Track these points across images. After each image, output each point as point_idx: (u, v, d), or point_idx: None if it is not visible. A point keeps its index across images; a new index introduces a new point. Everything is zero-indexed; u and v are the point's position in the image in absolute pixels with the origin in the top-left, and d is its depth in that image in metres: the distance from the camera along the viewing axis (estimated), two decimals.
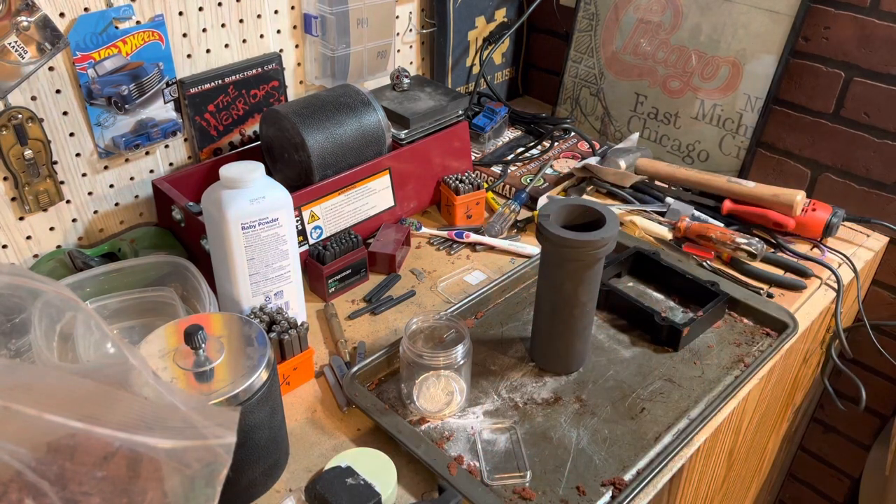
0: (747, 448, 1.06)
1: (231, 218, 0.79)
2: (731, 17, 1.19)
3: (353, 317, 0.97)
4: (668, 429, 0.80)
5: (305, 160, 1.01)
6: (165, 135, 1.03)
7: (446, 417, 0.80)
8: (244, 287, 0.84)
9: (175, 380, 0.64)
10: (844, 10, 1.10)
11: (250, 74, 1.09)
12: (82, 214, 1.00)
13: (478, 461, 0.75)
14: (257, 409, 0.67)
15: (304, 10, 1.14)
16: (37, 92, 0.89)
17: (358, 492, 0.63)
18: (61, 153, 0.94)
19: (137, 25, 0.95)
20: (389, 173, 1.09)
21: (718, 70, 1.23)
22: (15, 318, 0.66)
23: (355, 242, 1.01)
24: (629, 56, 1.34)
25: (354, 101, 1.06)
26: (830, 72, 1.14)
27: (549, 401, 0.83)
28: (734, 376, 0.87)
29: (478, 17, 1.41)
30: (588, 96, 1.42)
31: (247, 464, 0.69)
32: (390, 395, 0.83)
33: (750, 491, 1.29)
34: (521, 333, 0.92)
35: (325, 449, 0.78)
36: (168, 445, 0.48)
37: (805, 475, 1.51)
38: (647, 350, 0.90)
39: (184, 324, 0.68)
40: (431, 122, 1.16)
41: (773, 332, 0.93)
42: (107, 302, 0.86)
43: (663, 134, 1.33)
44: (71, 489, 0.46)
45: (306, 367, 0.85)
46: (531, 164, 1.28)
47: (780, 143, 1.23)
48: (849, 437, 1.39)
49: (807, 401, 1.29)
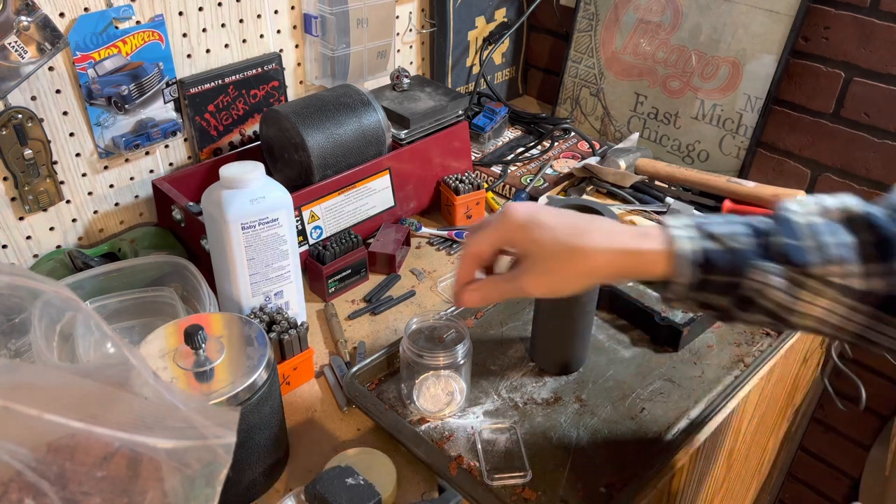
0: (747, 448, 1.06)
1: (231, 218, 0.79)
2: (731, 17, 1.19)
3: (353, 317, 0.97)
4: (668, 429, 0.80)
5: (305, 160, 1.01)
6: (165, 135, 1.03)
7: (446, 417, 0.80)
8: (244, 287, 0.84)
9: (175, 380, 0.64)
10: (844, 10, 1.10)
11: (250, 74, 1.09)
12: (82, 214, 1.00)
13: (478, 461, 0.75)
14: (257, 409, 0.67)
15: (304, 10, 1.14)
16: (37, 92, 0.89)
17: (358, 492, 0.63)
18: (61, 153, 0.94)
19: (137, 25, 0.95)
20: (389, 173, 1.09)
21: (718, 70, 1.23)
22: (15, 318, 0.66)
23: (355, 242, 1.01)
24: (629, 56, 1.34)
25: (354, 101, 1.06)
26: (830, 72, 1.14)
27: (549, 401, 0.83)
28: (734, 376, 0.87)
29: (478, 17, 1.41)
30: (588, 96, 1.42)
31: (247, 464, 0.69)
32: (390, 396, 0.83)
33: (750, 491, 1.29)
34: (521, 333, 0.92)
35: (325, 449, 0.78)
36: (168, 445, 0.48)
37: (805, 475, 1.51)
38: (647, 350, 0.90)
39: (184, 324, 0.68)
40: (431, 122, 1.16)
41: (773, 332, 0.93)
42: (107, 302, 0.86)
43: (663, 134, 1.33)
44: (71, 489, 0.46)
45: (306, 367, 0.85)
46: (531, 164, 1.28)
47: (780, 143, 1.23)
48: (849, 437, 1.39)
49: (807, 401, 1.29)
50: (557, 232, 0.61)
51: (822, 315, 0.57)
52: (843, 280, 0.55)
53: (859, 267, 0.55)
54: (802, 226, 0.57)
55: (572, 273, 0.61)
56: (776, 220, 0.58)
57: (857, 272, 0.55)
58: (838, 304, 0.56)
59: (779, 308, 0.57)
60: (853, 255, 0.55)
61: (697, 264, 0.58)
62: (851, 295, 0.55)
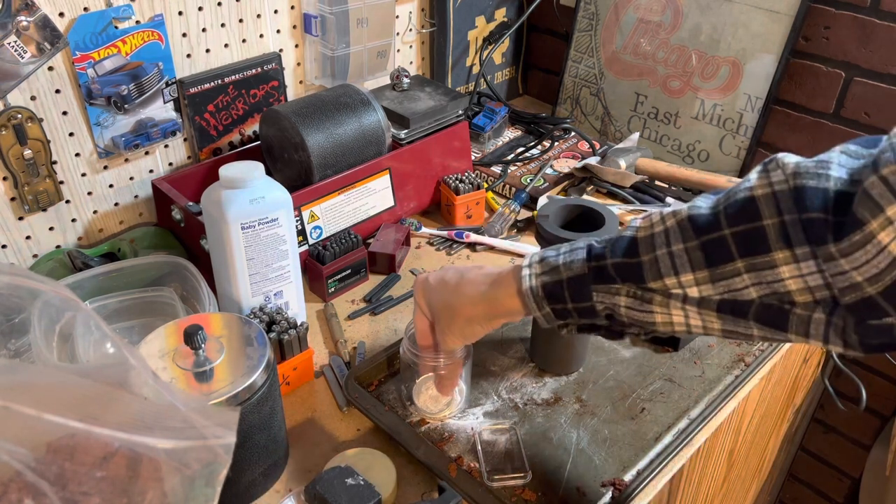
0: (747, 448, 1.06)
1: (231, 218, 0.79)
2: (731, 16, 1.19)
3: (352, 317, 0.97)
4: (668, 429, 0.80)
5: (305, 160, 1.01)
6: (165, 135, 1.03)
7: (446, 418, 0.80)
8: (244, 287, 0.84)
9: (175, 380, 0.64)
10: (844, 10, 1.10)
11: (250, 74, 1.09)
12: (82, 214, 1.00)
13: (478, 462, 0.75)
14: (257, 410, 0.67)
15: (304, 10, 1.14)
16: (36, 92, 0.89)
17: (358, 492, 0.63)
18: (61, 153, 0.94)
19: (137, 25, 0.95)
20: (389, 173, 1.09)
21: (718, 70, 1.23)
22: (14, 318, 0.66)
23: (355, 242, 1.01)
24: (629, 56, 1.34)
25: (354, 100, 1.06)
26: (831, 72, 1.14)
27: (549, 401, 0.83)
28: (734, 376, 0.86)
29: (478, 17, 1.41)
30: (588, 96, 1.42)
31: (247, 464, 0.69)
32: (390, 396, 0.83)
33: (750, 491, 1.29)
34: (521, 333, 0.92)
35: (325, 449, 0.78)
36: (168, 445, 0.48)
37: (805, 475, 1.51)
38: (647, 350, 0.90)
39: (183, 324, 0.68)
40: (431, 122, 1.16)
41: None
42: (106, 302, 0.86)
43: (663, 134, 1.33)
44: (70, 489, 0.46)
45: (306, 367, 0.85)
46: (531, 163, 1.28)
47: (781, 143, 1.23)
48: (849, 437, 1.39)
49: (807, 401, 1.29)
50: (437, 295, 0.69)
51: (682, 321, 0.57)
52: (680, 290, 0.55)
53: (690, 276, 0.54)
54: (641, 240, 0.56)
55: (460, 324, 0.68)
56: (617, 240, 0.58)
57: (688, 281, 0.54)
58: (689, 312, 0.56)
59: (640, 322, 0.59)
60: (682, 264, 0.54)
61: (543, 298, 0.61)
62: (692, 302, 0.55)
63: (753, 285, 0.51)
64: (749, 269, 0.51)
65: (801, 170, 0.49)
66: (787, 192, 0.49)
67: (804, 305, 0.51)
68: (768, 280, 0.50)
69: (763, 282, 0.51)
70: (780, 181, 0.49)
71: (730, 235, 0.51)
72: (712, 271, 0.53)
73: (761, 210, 0.50)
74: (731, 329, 0.56)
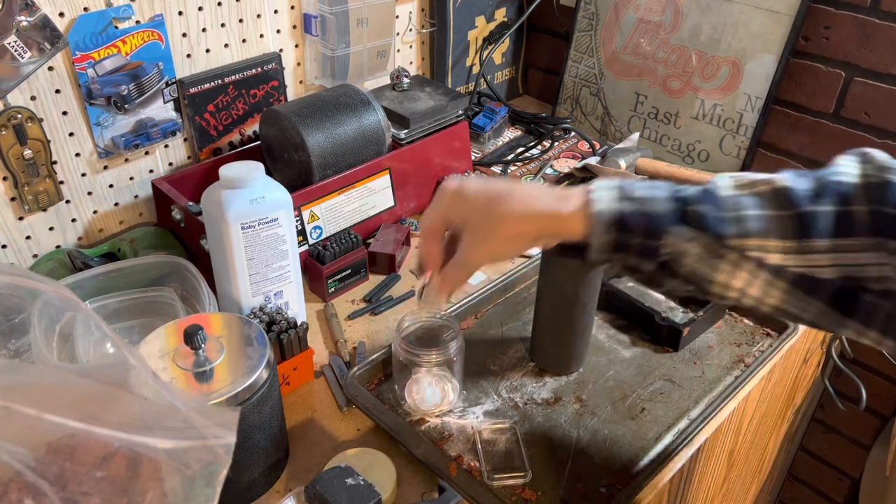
0: (747, 448, 1.06)
1: (231, 218, 0.79)
2: (731, 16, 1.19)
3: (352, 317, 0.97)
4: (668, 429, 0.80)
5: (305, 160, 1.01)
6: (165, 135, 1.03)
7: (444, 416, 0.80)
8: (244, 287, 0.84)
9: (175, 380, 0.64)
10: (844, 10, 1.10)
11: (250, 74, 1.09)
12: (82, 214, 1.00)
13: (478, 461, 0.75)
14: (257, 409, 0.67)
15: (304, 10, 1.14)
16: (36, 92, 0.89)
17: (358, 492, 0.63)
18: (61, 153, 0.94)
19: (137, 25, 0.95)
20: (389, 173, 1.09)
21: (718, 70, 1.23)
22: (14, 318, 0.66)
23: (355, 242, 1.01)
24: (629, 56, 1.34)
25: (354, 100, 1.06)
26: (831, 72, 1.14)
27: (550, 401, 0.83)
28: (734, 376, 0.86)
29: (478, 17, 1.41)
30: (588, 96, 1.42)
31: (247, 464, 0.69)
32: (390, 396, 0.83)
33: (750, 491, 1.29)
34: (521, 333, 0.92)
35: (325, 449, 0.78)
36: (168, 445, 0.48)
37: (805, 475, 1.51)
38: (648, 350, 0.90)
39: (183, 324, 0.68)
40: (431, 122, 1.16)
41: (774, 332, 0.93)
42: (106, 302, 0.86)
43: (663, 134, 1.33)
44: (70, 489, 0.46)
45: (306, 367, 0.85)
46: (531, 163, 1.28)
47: (781, 143, 1.23)
48: (849, 437, 1.39)
49: (807, 401, 1.29)
50: (480, 203, 0.62)
51: (742, 286, 0.57)
52: (760, 254, 0.55)
53: (776, 242, 0.55)
54: (726, 198, 0.57)
55: (500, 239, 0.62)
56: (702, 191, 0.58)
57: (773, 247, 0.55)
58: (756, 278, 0.56)
59: (698, 277, 0.58)
60: (771, 229, 0.55)
61: (613, 225, 0.58)
62: (767, 269, 0.55)
63: (835, 266, 0.53)
64: (836, 248, 0.53)
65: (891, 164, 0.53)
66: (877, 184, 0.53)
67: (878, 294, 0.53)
68: (850, 263, 0.53)
69: (845, 263, 0.53)
70: (873, 173, 0.53)
71: (823, 213, 0.54)
72: (801, 243, 0.54)
73: (856, 196, 0.53)
74: (788, 308, 0.56)
